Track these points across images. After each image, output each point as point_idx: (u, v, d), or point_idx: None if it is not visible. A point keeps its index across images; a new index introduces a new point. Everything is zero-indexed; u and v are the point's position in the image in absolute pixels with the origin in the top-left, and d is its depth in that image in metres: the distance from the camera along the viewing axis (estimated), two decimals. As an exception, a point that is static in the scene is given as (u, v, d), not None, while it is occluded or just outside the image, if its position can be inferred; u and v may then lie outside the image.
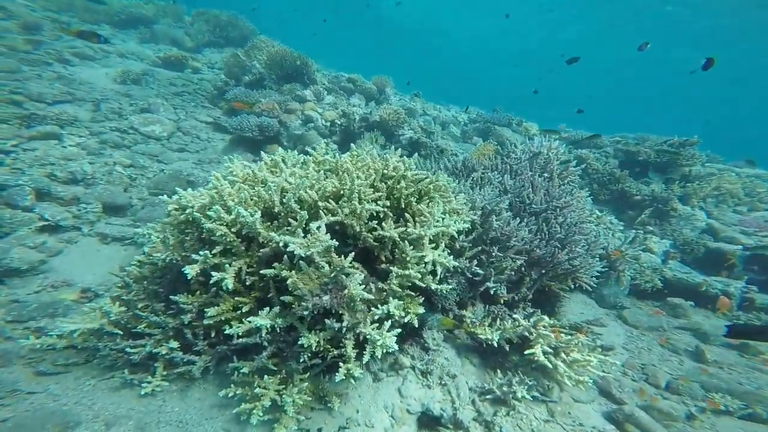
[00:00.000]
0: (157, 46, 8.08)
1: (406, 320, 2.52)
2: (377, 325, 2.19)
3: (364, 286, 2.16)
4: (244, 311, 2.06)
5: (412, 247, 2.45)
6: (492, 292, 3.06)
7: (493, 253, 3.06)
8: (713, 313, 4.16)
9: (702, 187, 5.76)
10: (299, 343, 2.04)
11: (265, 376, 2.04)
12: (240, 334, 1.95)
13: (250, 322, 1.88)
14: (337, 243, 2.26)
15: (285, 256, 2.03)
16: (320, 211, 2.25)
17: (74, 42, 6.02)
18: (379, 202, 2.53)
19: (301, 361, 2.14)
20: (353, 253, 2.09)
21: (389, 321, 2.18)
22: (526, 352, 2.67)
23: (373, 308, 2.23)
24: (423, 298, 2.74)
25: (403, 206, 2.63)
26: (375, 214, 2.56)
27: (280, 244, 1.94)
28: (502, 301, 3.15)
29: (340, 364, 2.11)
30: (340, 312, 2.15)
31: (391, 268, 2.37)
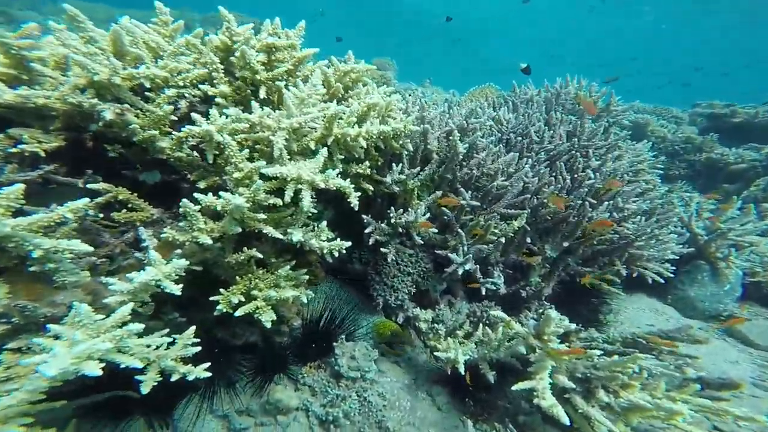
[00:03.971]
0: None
1: (245, 311, 1.24)
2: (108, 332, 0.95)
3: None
4: None
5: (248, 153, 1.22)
6: (461, 273, 1.67)
7: (465, 203, 1.69)
8: None
9: None
10: None
11: None
12: None
13: None
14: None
15: None
16: None
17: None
18: (201, 85, 1.37)
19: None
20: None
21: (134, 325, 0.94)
22: (515, 387, 1.24)
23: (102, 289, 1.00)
24: (318, 270, 1.46)
25: (263, 98, 1.43)
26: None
27: None
28: (483, 291, 1.73)
29: None
30: None
31: (196, 196, 1.14)
